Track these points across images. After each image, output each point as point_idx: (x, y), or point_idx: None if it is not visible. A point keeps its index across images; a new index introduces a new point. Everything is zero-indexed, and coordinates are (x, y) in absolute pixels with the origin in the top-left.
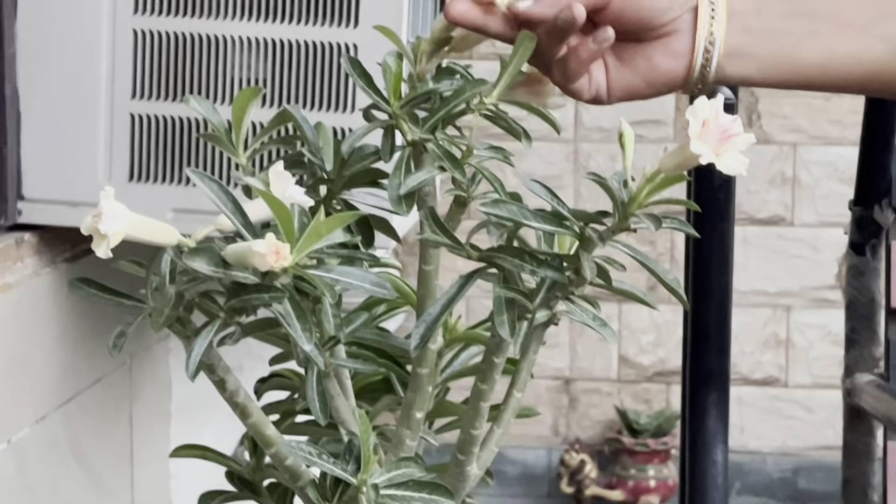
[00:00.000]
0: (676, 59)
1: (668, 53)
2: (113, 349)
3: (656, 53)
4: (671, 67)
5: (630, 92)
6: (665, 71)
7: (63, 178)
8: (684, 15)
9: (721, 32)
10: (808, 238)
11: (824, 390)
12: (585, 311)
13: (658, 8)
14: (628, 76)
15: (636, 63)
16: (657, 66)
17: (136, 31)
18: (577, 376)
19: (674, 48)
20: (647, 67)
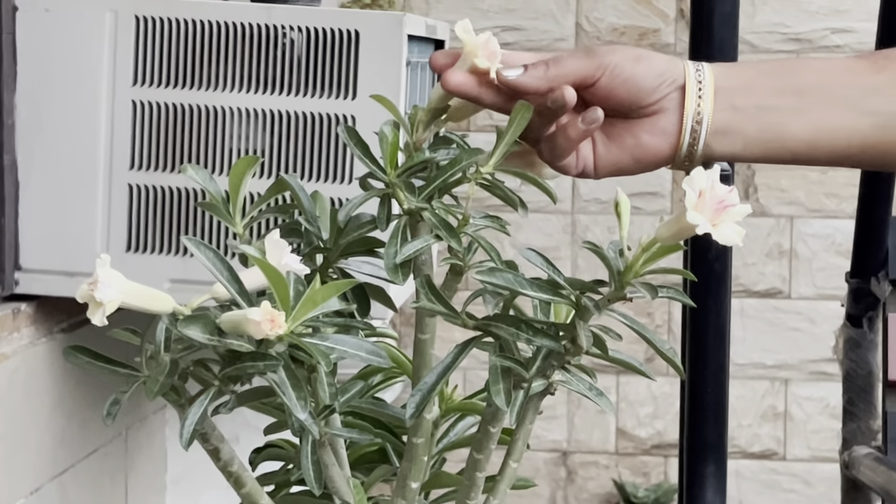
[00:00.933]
0: (663, 138)
1: (656, 132)
2: (107, 418)
3: (643, 132)
4: (658, 145)
5: (618, 168)
6: (652, 149)
7: (61, 248)
8: (672, 94)
9: (708, 111)
10: (806, 310)
11: (823, 464)
12: (582, 380)
13: (646, 88)
14: (616, 153)
15: (623, 140)
16: (644, 144)
17: (136, 103)
18: (574, 449)
19: (661, 126)
20: (634, 144)
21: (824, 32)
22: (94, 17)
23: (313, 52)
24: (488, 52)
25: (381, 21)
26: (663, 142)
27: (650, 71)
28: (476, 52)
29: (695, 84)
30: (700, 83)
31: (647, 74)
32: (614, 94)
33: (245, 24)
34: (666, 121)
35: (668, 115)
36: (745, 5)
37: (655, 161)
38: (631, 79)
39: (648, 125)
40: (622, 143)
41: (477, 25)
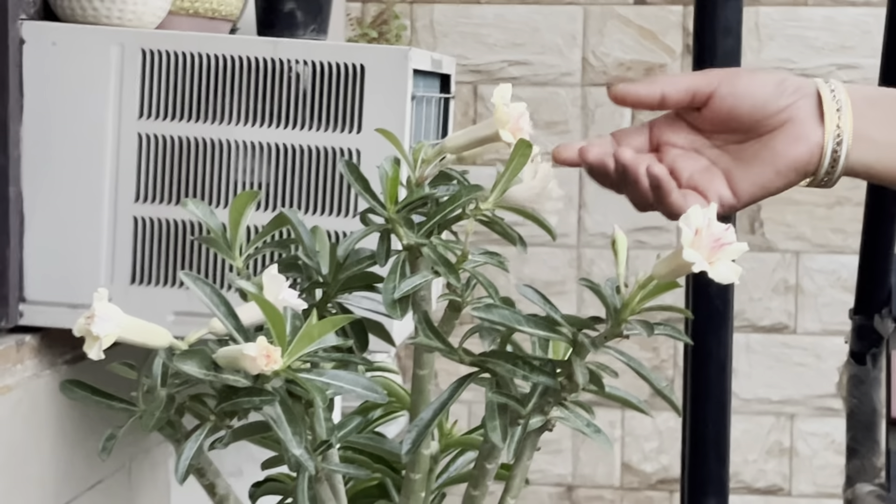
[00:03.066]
0: (802, 144)
1: (792, 140)
2: (102, 452)
3: (779, 143)
4: (799, 153)
5: (762, 186)
6: (794, 157)
7: (65, 280)
8: (799, 101)
9: (848, 121)
10: (812, 346)
11: (828, 500)
12: (580, 416)
13: (768, 94)
14: (756, 171)
15: (761, 157)
16: (784, 154)
17: (141, 135)
18: (579, 483)
19: (797, 134)
20: (772, 157)
21: (830, 68)
22: (100, 51)
23: (319, 85)
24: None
25: (386, 55)
26: (803, 149)
27: (768, 78)
28: (505, 125)
29: (830, 94)
30: (834, 92)
31: (766, 81)
32: (737, 106)
33: (251, 57)
34: (801, 128)
35: (803, 124)
36: (751, 40)
37: (798, 169)
38: (749, 86)
39: (782, 136)
40: (761, 160)
41: (483, 59)
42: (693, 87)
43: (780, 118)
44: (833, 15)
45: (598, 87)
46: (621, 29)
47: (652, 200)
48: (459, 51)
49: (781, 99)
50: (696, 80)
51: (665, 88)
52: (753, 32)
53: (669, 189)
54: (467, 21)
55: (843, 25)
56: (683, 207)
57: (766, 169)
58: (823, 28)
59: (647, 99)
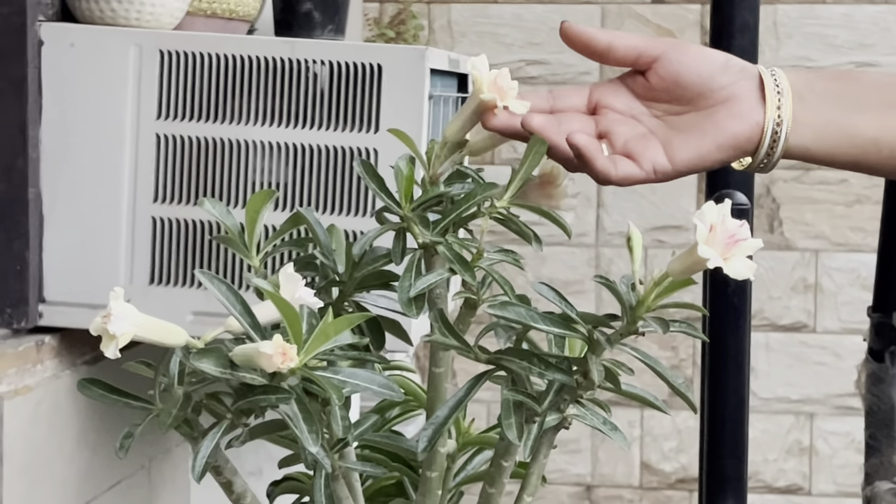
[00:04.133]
0: (744, 122)
1: (734, 116)
2: (120, 450)
3: (721, 117)
4: (740, 129)
5: (699, 157)
6: (735, 132)
7: (84, 280)
8: (741, 81)
9: (788, 108)
10: (831, 345)
11: (849, 499)
12: (596, 414)
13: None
14: (696, 142)
15: (701, 127)
16: (725, 128)
17: (159, 136)
18: (598, 483)
19: (739, 111)
20: (714, 129)
21: (849, 66)
22: (118, 52)
23: (336, 85)
24: (497, 88)
25: (403, 55)
26: (745, 126)
27: (715, 54)
28: (482, 89)
29: (771, 78)
30: (775, 76)
31: (714, 56)
32: (682, 74)
33: (269, 58)
34: (743, 107)
35: (745, 102)
36: (769, 38)
37: (737, 144)
38: (697, 56)
39: (724, 111)
40: (701, 130)
41: (501, 59)
42: (641, 47)
43: (722, 94)
44: (851, 12)
45: None
46: (639, 27)
47: (577, 165)
48: (477, 50)
49: (725, 75)
50: (646, 41)
51: (614, 40)
52: (771, 30)
53: (593, 156)
54: (485, 21)
55: (861, 23)
56: (612, 172)
57: (706, 140)
58: (842, 26)
59: (594, 42)
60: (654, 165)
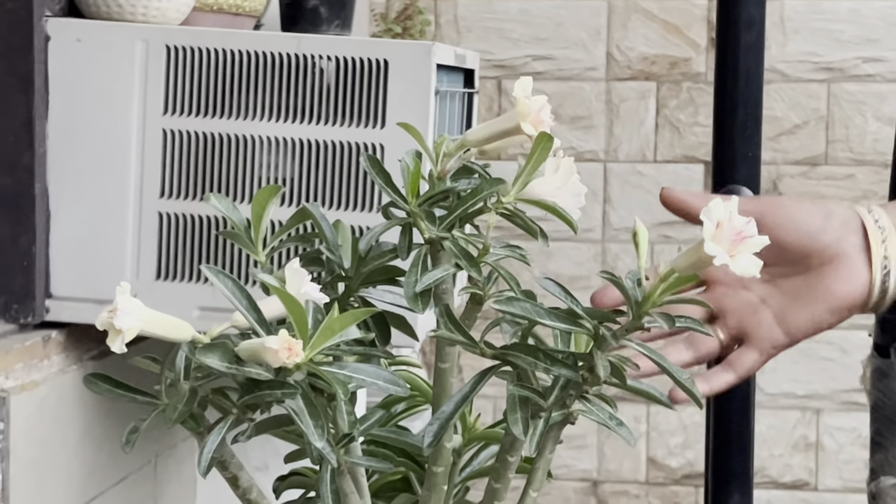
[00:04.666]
0: (853, 283)
1: (843, 279)
2: (126, 445)
3: (830, 280)
4: (851, 292)
5: (815, 323)
6: (845, 296)
7: (91, 276)
8: (847, 237)
9: (894, 248)
10: (838, 340)
11: (855, 494)
12: (602, 410)
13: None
14: (810, 308)
15: (813, 294)
16: (836, 292)
17: (166, 132)
18: (604, 478)
19: (847, 273)
20: (825, 295)
21: (856, 62)
22: (124, 47)
23: (342, 81)
24: (538, 121)
25: (410, 50)
26: (855, 287)
27: (815, 209)
28: (526, 117)
29: (875, 226)
30: (878, 222)
31: (813, 212)
32: (784, 236)
33: (275, 53)
34: (851, 268)
35: (852, 261)
36: (776, 34)
37: (850, 306)
38: (797, 215)
39: (833, 273)
40: (813, 297)
41: (507, 55)
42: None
43: (828, 253)
44: (858, 7)
45: (623, 81)
46: (645, 23)
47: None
48: (483, 46)
49: (827, 233)
50: (743, 204)
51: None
52: (778, 26)
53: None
54: (491, 16)
55: (868, 18)
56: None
57: (819, 306)
58: (849, 21)
59: (691, 208)
60: (772, 343)
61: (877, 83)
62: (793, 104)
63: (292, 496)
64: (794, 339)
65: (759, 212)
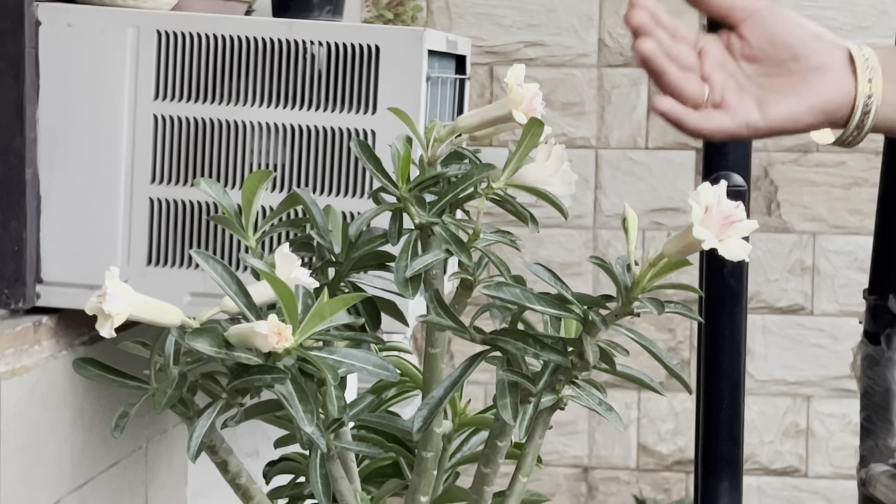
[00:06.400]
0: (837, 89)
1: (828, 82)
2: (115, 430)
3: (815, 80)
4: (834, 94)
5: (791, 117)
6: (828, 97)
7: (82, 261)
8: (833, 51)
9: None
10: (828, 327)
11: (845, 481)
12: (591, 395)
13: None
14: (789, 101)
15: (796, 88)
16: (820, 91)
17: (157, 117)
18: (595, 464)
19: (832, 78)
20: (808, 91)
21: None
22: (116, 33)
23: (334, 67)
24: (530, 109)
25: (401, 36)
26: (839, 93)
27: (807, 21)
28: (518, 105)
29: (862, 60)
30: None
31: (806, 22)
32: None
33: (266, 38)
34: (836, 76)
35: (838, 72)
36: None
37: (829, 109)
38: (790, 16)
39: (819, 75)
40: (796, 91)
41: (499, 41)
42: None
43: (814, 60)
44: None
45: (615, 68)
46: None
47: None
48: (475, 32)
49: (818, 42)
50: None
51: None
52: None
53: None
54: (483, 2)
55: (859, 6)
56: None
57: (800, 101)
58: (840, 8)
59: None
60: (747, 119)
61: None
62: None
63: (282, 481)
64: (770, 127)
65: (754, 8)
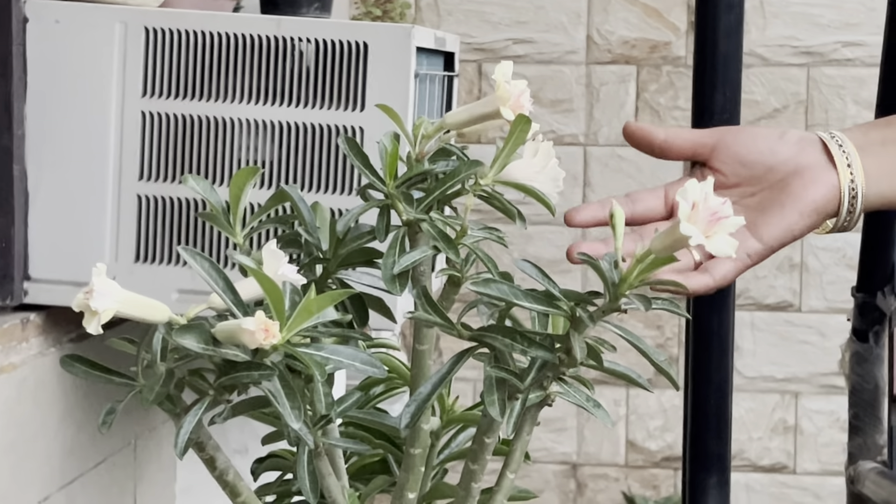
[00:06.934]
0: (820, 186)
1: (809, 182)
2: (102, 426)
3: (796, 187)
4: (819, 194)
5: (787, 229)
6: (813, 198)
7: (69, 258)
8: (806, 149)
9: (857, 163)
10: (817, 324)
11: (833, 477)
12: (579, 392)
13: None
14: (778, 216)
15: (780, 201)
16: (803, 195)
17: (145, 114)
18: (584, 461)
19: (812, 177)
20: (792, 201)
21: (835, 46)
22: (103, 29)
23: (322, 63)
24: (518, 105)
25: (389, 33)
26: (822, 190)
27: (769, 130)
28: (506, 102)
29: (834, 142)
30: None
31: (768, 132)
32: (744, 154)
33: (254, 35)
34: (814, 173)
35: (815, 169)
36: (756, 18)
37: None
38: (753, 134)
39: (798, 180)
40: (781, 204)
41: (488, 38)
42: (696, 137)
43: (790, 166)
44: None
45: (603, 65)
46: (626, 7)
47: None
48: (464, 29)
49: (786, 146)
50: (700, 132)
51: (670, 135)
52: (758, 10)
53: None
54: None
55: (848, 2)
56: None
57: (788, 212)
58: (828, 5)
59: (652, 138)
60: (747, 252)
61: (856, 67)
62: (772, 88)
63: (270, 478)
64: (769, 247)
65: (717, 137)
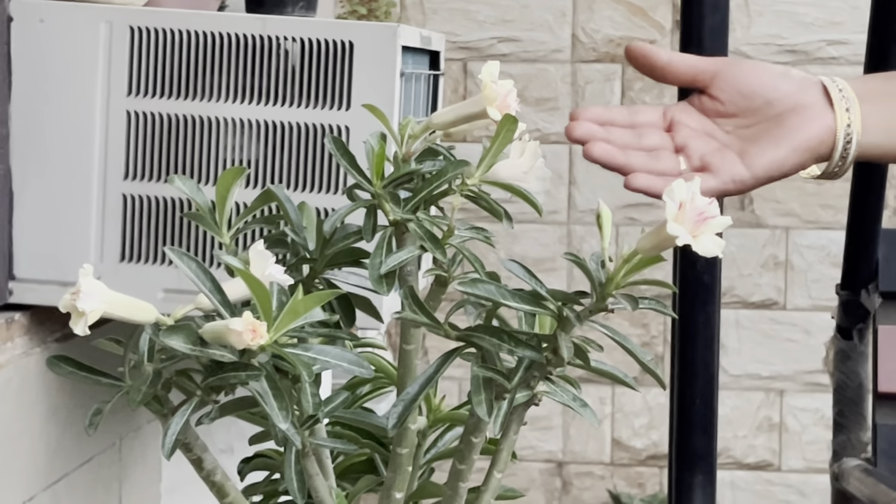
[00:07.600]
0: (816, 125)
1: (806, 120)
2: (89, 427)
3: (792, 122)
4: (814, 132)
5: (776, 163)
6: (809, 135)
7: (55, 258)
8: (806, 88)
9: (856, 109)
10: (801, 322)
11: (818, 475)
12: (566, 391)
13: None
14: (771, 148)
15: (775, 134)
16: (799, 131)
17: (130, 113)
18: (569, 459)
19: (809, 115)
20: (787, 134)
21: (819, 44)
22: (88, 28)
23: (307, 62)
24: (505, 105)
25: (375, 32)
26: (818, 129)
27: (771, 64)
28: (492, 102)
29: (837, 93)
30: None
31: (770, 65)
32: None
33: (240, 34)
34: (813, 111)
35: (814, 108)
36: (741, 17)
37: (812, 147)
38: (755, 67)
39: (795, 116)
40: (775, 137)
41: (473, 37)
42: (699, 64)
43: (789, 101)
44: None
45: (588, 63)
46: (611, 5)
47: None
48: (449, 27)
49: (788, 83)
50: (703, 59)
51: (673, 57)
52: (743, 8)
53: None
54: None
55: (832, 1)
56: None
57: (781, 145)
58: (812, 3)
59: (654, 58)
60: (732, 176)
61: (840, 66)
62: None
63: (257, 478)
64: (755, 177)
65: (719, 65)
